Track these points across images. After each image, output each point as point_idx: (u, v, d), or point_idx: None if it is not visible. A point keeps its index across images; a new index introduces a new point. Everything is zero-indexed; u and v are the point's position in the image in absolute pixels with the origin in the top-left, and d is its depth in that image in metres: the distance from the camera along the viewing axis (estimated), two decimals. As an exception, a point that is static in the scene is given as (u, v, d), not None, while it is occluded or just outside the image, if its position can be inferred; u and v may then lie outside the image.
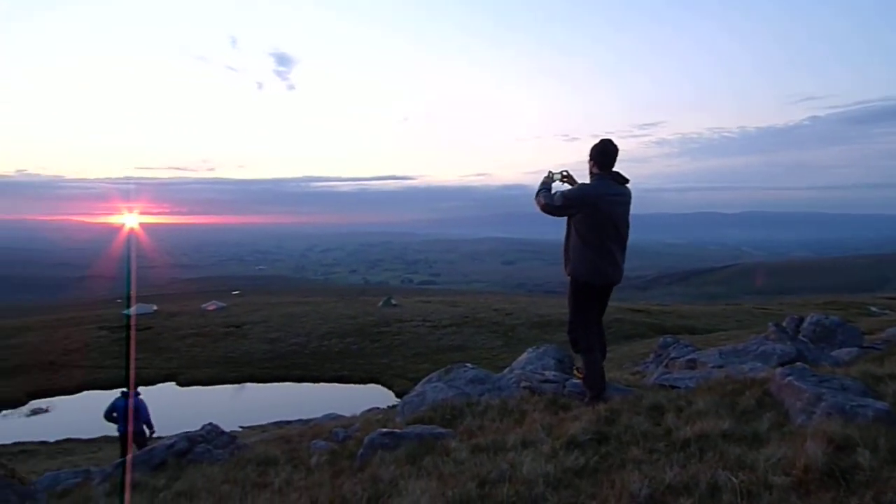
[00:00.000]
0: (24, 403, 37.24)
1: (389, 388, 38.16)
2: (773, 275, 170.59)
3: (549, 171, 5.78)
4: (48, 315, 70.46)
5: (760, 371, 5.94)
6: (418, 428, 4.87)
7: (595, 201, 5.31)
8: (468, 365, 7.22)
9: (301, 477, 4.50)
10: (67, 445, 27.92)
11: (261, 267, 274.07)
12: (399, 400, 31.59)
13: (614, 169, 5.49)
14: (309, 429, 7.82)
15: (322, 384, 40.71)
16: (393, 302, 65.16)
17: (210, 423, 6.56)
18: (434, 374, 6.99)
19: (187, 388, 40.26)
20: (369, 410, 12.37)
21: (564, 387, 5.96)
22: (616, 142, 5.47)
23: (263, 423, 27.92)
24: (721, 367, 7.45)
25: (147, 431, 12.89)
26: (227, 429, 7.14)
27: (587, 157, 5.57)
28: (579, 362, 6.13)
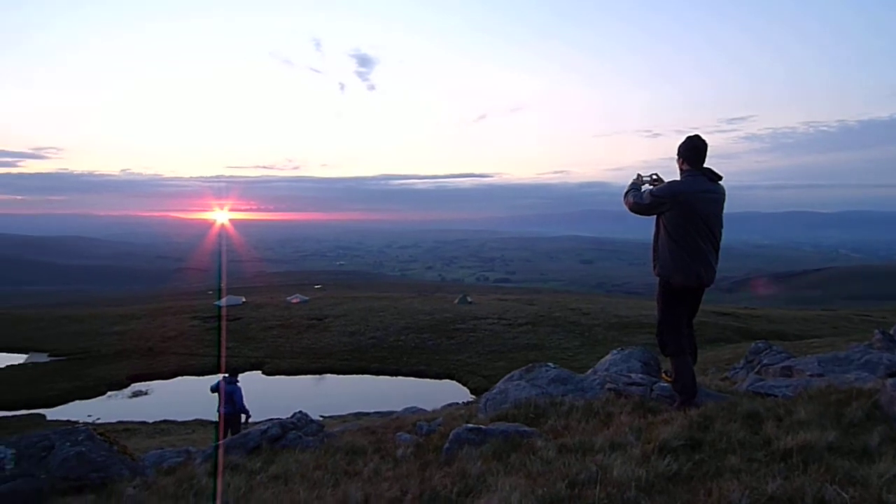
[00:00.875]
0: (126, 386, 40.14)
1: (464, 384, 38.37)
2: (874, 279, 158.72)
3: (638, 174, 5.64)
4: (148, 304, 75.52)
5: (867, 381, 5.56)
6: (503, 425, 4.89)
7: (686, 198, 5.14)
8: (550, 364, 7.17)
9: (389, 467, 4.62)
10: (164, 426, 29.85)
11: (341, 262, 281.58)
12: (474, 396, 31.68)
13: (705, 165, 5.31)
14: (392, 421, 8.00)
15: (399, 378, 41.46)
16: (469, 299, 65.40)
17: (300, 412, 6.83)
18: (515, 372, 6.98)
19: (272, 377, 42.08)
20: (449, 405, 12.47)
21: (652, 390, 5.80)
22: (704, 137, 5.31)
23: (344, 413, 28.81)
24: (821, 375, 7.03)
25: (244, 417, 13.55)
26: (312, 418, 7.43)
27: (674, 154, 5.42)
28: (667, 365, 5.96)
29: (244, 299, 68.62)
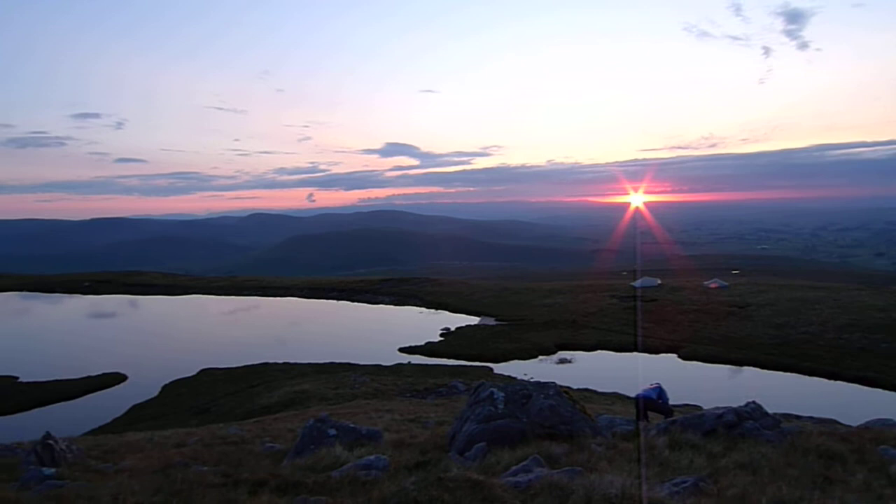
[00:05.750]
0: (553, 353, 44.87)
1: (939, 402, 30.59)
2: None
3: None
4: (570, 281, 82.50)
5: None
6: None
7: None
8: None
9: (882, 484, 4.02)
10: (587, 394, 32.17)
11: (764, 246, 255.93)
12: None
13: None
14: (865, 431, 6.93)
15: (838, 382, 35.62)
16: (946, 296, 51.63)
17: (753, 402, 6.52)
18: None
19: (688, 362, 41.13)
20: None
21: None
22: None
23: (769, 412, 26.25)
24: None
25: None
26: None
27: None
28: None
29: (659, 281, 68.71)
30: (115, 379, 39.17)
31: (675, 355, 42.58)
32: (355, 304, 73.30)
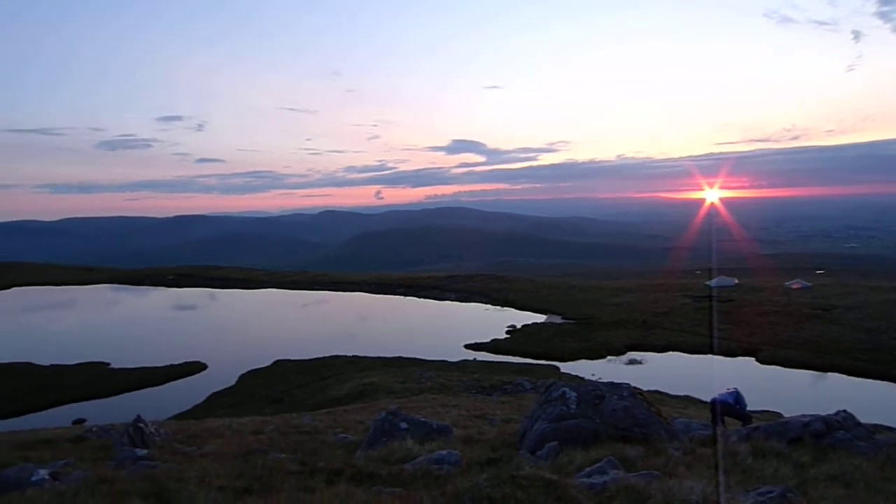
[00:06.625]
0: (622, 353, 43.88)
1: None
2: None
3: None
4: (640, 280, 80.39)
5: None
6: None
7: None
8: None
9: None
10: (658, 396, 31.29)
11: (852, 245, 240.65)
12: None
13: None
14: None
15: (942, 392, 33.26)
16: None
17: (844, 411, 6.18)
18: None
19: (766, 366, 39.38)
20: None
21: None
22: None
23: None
24: None
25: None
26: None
27: None
28: None
29: (737, 281, 65.97)
30: (196, 368, 41.29)
31: (752, 359, 40.89)
32: (422, 300, 74.15)
